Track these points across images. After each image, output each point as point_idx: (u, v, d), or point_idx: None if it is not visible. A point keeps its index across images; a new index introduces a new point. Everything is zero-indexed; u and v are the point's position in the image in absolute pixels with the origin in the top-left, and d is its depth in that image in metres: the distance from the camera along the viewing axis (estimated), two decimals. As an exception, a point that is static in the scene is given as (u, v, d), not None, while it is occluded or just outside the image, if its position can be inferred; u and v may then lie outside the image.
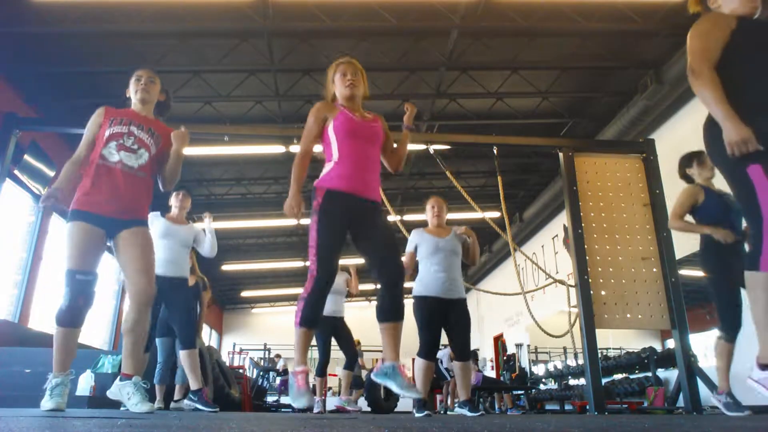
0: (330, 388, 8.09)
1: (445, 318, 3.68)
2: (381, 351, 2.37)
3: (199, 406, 3.84)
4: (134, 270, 2.53)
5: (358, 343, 11.36)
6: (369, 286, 16.20)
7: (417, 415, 3.46)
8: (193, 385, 3.87)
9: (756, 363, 2.01)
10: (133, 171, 2.60)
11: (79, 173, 2.60)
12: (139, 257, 2.53)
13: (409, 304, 3.12)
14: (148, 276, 2.53)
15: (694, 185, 3.61)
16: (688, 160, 3.72)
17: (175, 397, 4.64)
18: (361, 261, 2.62)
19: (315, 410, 5.12)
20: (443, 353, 8.13)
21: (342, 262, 2.70)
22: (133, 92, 2.79)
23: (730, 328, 3.30)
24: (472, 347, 4.13)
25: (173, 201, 4.17)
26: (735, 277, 3.05)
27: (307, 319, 2.26)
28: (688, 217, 3.58)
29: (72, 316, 2.41)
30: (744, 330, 3.39)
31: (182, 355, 3.86)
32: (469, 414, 3.56)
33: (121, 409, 3.64)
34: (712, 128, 2.00)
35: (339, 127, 2.43)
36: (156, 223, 3.92)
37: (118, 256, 2.57)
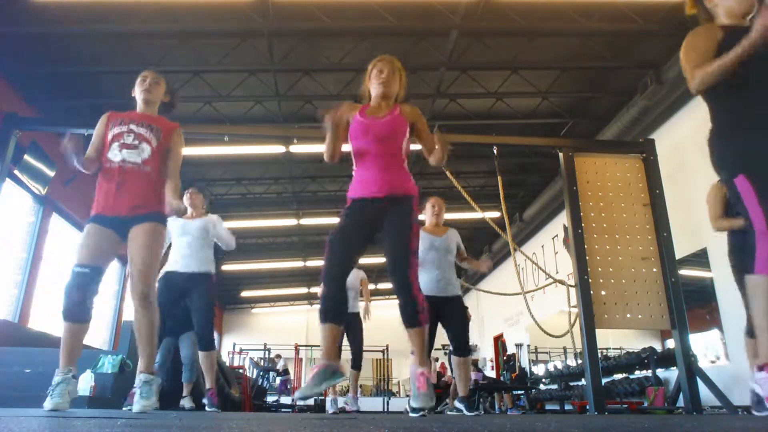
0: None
1: (440, 315, 3.72)
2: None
3: (206, 406, 3.96)
4: (132, 268, 2.58)
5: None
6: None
7: (467, 414, 3.52)
8: (207, 384, 3.95)
9: (756, 365, 2.03)
10: (138, 166, 2.64)
11: (92, 171, 2.67)
12: (136, 255, 2.56)
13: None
14: (142, 275, 2.55)
15: (717, 183, 3.49)
16: None
17: (183, 394, 4.63)
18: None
19: (329, 410, 5.25)
20: None
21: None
22: (137, 92, 2.85)
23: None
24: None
25: (185, 201, 4.18)
26: None
27: (320, 313, 2.25)
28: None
29: (68, 309, 2.44)
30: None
31: (200, 356, 3.92)
32: (467, 413, 3.58)
33: (124, 408, 3.66)
34: (711, 140, 2.10)
35: (351, 132, 2.49)
36: (174, 225, 3.99)
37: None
